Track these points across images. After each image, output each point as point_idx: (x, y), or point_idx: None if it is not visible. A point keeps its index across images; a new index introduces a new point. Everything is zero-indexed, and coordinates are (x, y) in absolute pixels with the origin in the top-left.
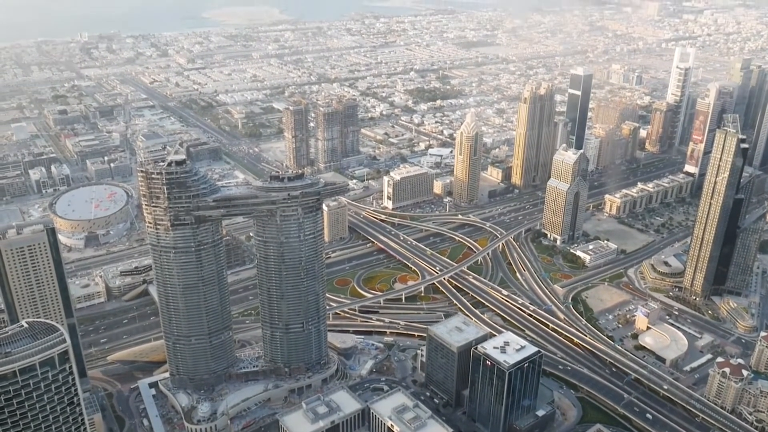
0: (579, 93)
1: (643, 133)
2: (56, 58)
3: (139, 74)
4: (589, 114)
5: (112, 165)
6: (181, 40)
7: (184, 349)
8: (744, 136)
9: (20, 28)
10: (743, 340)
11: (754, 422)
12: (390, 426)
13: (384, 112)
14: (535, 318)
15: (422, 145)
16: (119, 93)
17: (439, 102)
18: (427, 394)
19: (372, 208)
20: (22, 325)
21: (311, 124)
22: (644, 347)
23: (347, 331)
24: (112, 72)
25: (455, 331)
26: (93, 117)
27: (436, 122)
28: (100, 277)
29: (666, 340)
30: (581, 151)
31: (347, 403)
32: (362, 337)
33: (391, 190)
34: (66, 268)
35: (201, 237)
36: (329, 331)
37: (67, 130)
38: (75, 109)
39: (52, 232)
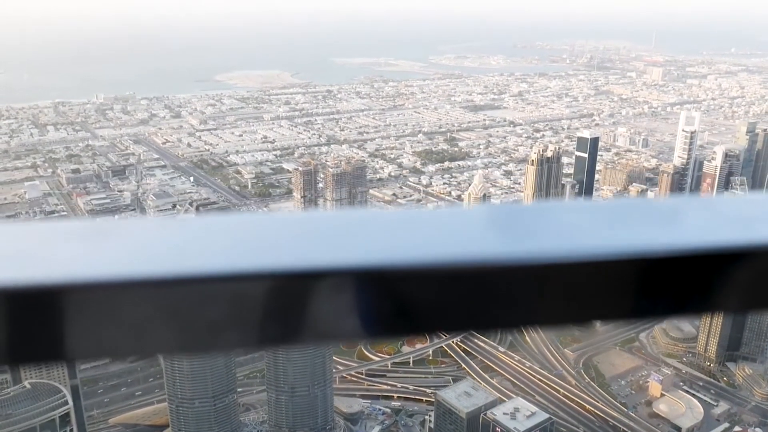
0: (586, 155)
1: (650, 195)
2: (72, 118)
3: (152, 135)
4: (597, 176)
5: None
6: (194, 102)
7: (187, 413)
8: None
9: (40, 90)
10: (761, 408)
11: None
12: None
13: (392, 173)
14: (545, 383)
15: (430, 206)
16: (132, 153)
17: (447, 163)
18: None
19: None
20: (25, 386)
21: (320, 185)
22: (659, 415)
23: (353, 395)
24: (126, 132)
25: (464, 396)
26: (105, 176)
27: (444, 183)
28: None
29: (681, 408)
30: None
31: None
32: (369, 401)
33: None
34: None
35: None
36: (335, 394)
37: (80, 189)
38: (88, 168)
39: None
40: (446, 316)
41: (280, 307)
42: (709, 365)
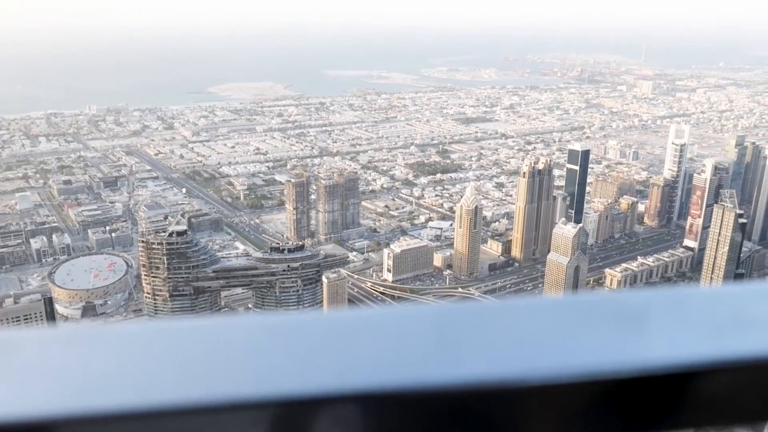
0: (577, 168)
1: (641, 207)
2: (64, 129)
3: (145, 146)
4: (588, 188)
5: (113, 235)
6: (186, 113)
7: None
8: (742, 211)
9: (33, 101)
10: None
11: None
12: None
13: (385, 185)
14: None
15: (422, 218)
16: (124, 164)
17: (439, 176)
18: None
19: (372, 281)
20: None
21: (312, 197)
22: None
23: None
24: (118, 144)
25: None
26: (97, 187)
27: (436, 195)
28: None
29: None
30: (580, 225)
31: None
32: None
33: (391, 263)
34: None
35: (199, 308)
36: None
37: (71, 200)
38: (80, 180)
39: (49, 302)
40: None
41: None
42: None
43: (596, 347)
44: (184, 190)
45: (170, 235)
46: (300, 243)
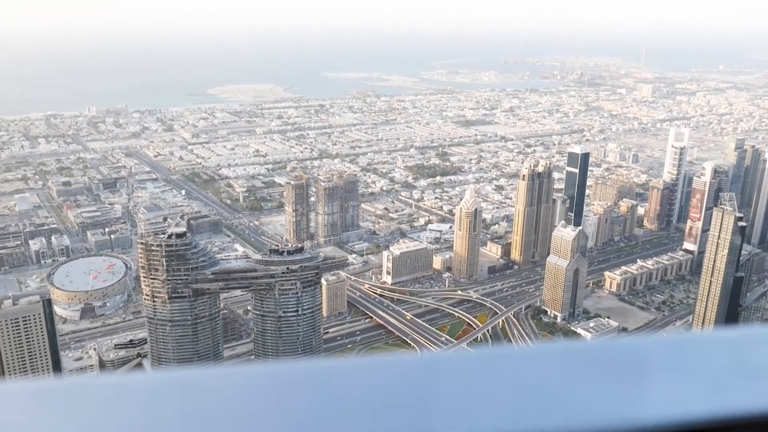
0: (577, 171)
1: (641, 210)
2: (63, 131)
3: (144, 148)
4: (587, 191)
5: (112, 236)
6: (186, 115)
7: None
8: (741, 215)
9: (32, 102)
10: None
11: None
12: None
13: (384, 188)
14: None
15: (422, 221)
16: (123, 166)
17: (438, 178)
18: None
19: (371, 283)
20: None
21: (312, 199)
22: None
23: None
24: (118, 145)
25: None
26: (96, 189)
27: (436, 198)
28: (94, 349)
29: None
30: (580, 227)
31: None
32: None
33: (390, 265)
34: (60, 340)
35: (198, 310)
36: None
37: (70, 202)
38: (79, 181)
39: (48, 303)
40: None
41: None
42: None
43: (595, 402)
44: (183, 191)
45: (169, 236)
46: (299, 245)
